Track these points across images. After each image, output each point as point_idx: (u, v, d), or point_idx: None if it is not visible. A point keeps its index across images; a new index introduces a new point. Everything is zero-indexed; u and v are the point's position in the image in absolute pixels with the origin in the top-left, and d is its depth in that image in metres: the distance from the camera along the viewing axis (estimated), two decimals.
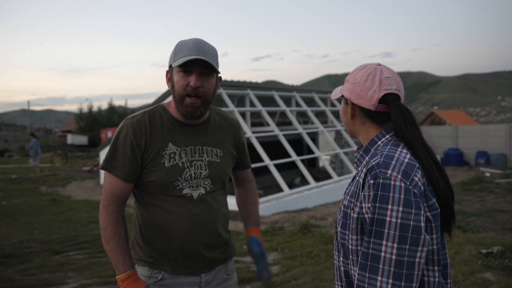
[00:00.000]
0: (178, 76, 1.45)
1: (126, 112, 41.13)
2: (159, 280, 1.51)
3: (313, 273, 4.20)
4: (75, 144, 34.75)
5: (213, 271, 1.58)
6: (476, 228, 6.15)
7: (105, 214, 1.47)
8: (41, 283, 4.13)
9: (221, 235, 1.60)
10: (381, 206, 1.04)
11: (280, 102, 10.82)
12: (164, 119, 1.54)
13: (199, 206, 1.52)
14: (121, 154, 1.48)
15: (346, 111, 1.29)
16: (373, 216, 1.05)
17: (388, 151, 1.13)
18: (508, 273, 4.09)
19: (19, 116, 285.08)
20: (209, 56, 1.45)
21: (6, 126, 62.45)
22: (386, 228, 1.03)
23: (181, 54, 1.43)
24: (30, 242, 5.82)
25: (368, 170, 1.11)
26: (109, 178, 1.49)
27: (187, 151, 1.53)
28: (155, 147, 1.49)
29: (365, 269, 1.05)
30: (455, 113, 36.96)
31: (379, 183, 1.06)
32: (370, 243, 1.05)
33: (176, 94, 1.48)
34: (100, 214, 1.49)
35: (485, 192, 9.52)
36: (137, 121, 1.50)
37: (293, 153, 9.55)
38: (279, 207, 7.89)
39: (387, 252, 1.02)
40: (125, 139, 1.48)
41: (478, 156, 14.70)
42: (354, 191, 1.16)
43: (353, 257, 1.14)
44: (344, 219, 1.18)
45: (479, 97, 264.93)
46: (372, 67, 1.23)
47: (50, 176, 15.47)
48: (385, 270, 1.02)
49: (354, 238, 1.13)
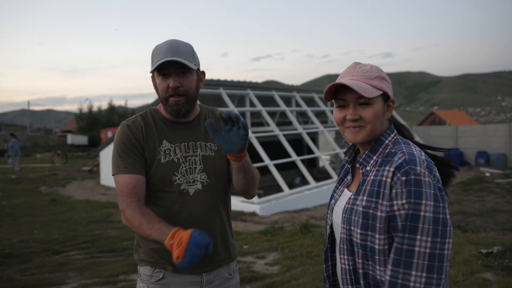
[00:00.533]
0: (158, 79, 1.51)
1: (126, 112, 41.14)
2: (160, 279, 1.52)
3: (313, 273, 4.20)
4: (75, 144, 34.75)
5: (215, 271, 1.58)
6: (476, 228, 6.15)
7: (128, 210, 1.43)
8: (41, 283, 4.13)
9: (220, 232, 1.59)
10: (415, 201, 1.06)
11: (280, 102, 10.82)
12: (156, 120, 1.59)
13: (197, 202, 1.54)
14: (127, 154, 1.51)
15: (384, 111, 1.22)
16: (407, 212, 1.06)
17: (407, 149, 1.16)
18: (508, 273, 4.09)
19: (19, 116, 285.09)
20: (183, 54, 1.47)
21: (6, 126, 62.43)
22: (420, 223, 1.05)
23: (157, 58, 1.47)
24: (30, 242, 5.82)
25: (396, 168, 1.11)
26: (122, 179, 1.49)
27: (181, 147, 1.56)
28: (151, 145, 1.54)
29: (399, 265, 1.06)
30: (455, 113, 36.98)
31: (411, 179, 1.07)
32: (404, 239, 1.07)
33: (160, 97, 1.54)
34: (124, 217, 1.45)
35: (485, 192, 9.52)
36: (132, 123, 1.57)
37: (293, 153, 9.55)
38: (279, 207, 7.89)
39: (421, 247, 1.05)
40: (126, 140, 1.53)
41: (478, 156, 14.70)
42: (375, 190, 1.14)
43: (379, 257, 1.12)
44: (365, 220, 1.14)
45: (479, 97, 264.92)
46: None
47: (50, 176, 15.48)
48: (419, 264, 1.05)
49: (381, 238, 1.11)
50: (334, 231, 1.31)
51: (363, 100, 1.18)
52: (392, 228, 1.10)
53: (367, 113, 1.18)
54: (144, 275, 1.55)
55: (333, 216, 1.31)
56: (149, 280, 1.53)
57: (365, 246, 1.15)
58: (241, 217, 7.31)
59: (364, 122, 1.19)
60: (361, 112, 1.19)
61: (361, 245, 1.15)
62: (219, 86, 9.77)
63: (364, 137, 1.20)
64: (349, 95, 1.19)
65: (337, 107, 1.24)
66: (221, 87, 9.68)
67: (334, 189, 1.39)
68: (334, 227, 1.31)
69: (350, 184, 1.31)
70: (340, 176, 1.39)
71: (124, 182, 1.48)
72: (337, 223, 1.27)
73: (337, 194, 1.34)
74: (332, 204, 1.33)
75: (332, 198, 1.36)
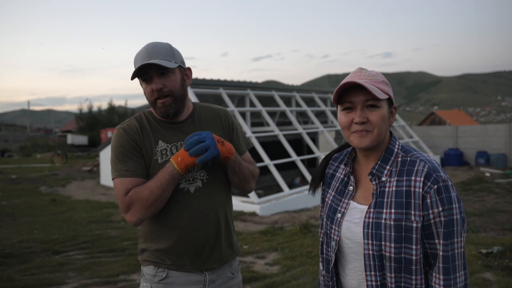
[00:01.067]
0: (143, 85, 1.53)
1: (126, 112, 41.10)
2: (163, 279, 1.52)
3: (313, 273, 4.20)
4: (75, 144, 34.75)
5: (218, 269, 1.58)
6: (476, 228, 6.15)
7: (133, 199, 1.43)
8: (41, 283, 4.13)
9: (224, 227, 1.60)
10: (450, 207, 1.11)
11: (280, 102, 10.82)
12: (151, 121, 1.59)
13: (198, 199, 1.54)
14: (127, 157, 1.50)
15: (389, 117, 1.22)
16: (445, 218, 1.11)
17: (423, 156, 1.19)
18: (508, 273, 4.09)
19: (19, 116, 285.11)
20: (160, 55, 1.47)
21: (6, 126, 62.40)
22: (455, 226, 1.11)
23: (136, 65, 1.49)
24: (30, 242, 5.82)
25: (425, 178, 1.12)
26: (122, 182, 1.46)
27: (177, 146, 1.56)
28: (147, 146, 1.54)
29: (449, 272, 1.11)
30: (455, 113, 36.97)
31: (441, 187, 1.12)
32: (448, 245, 1.11)
33: (149, 102, 1.55)
34: (132, 212, 1.43)
35: (485, 192, 9.52)
36: (127, 125, 1.57)
37: (293, 153, 9.55)
38: (279, 207, 7.89)
39: (459, 248, 1.12)
40: (124, 143, 1.52)
41: (478, 156, 14.70)
42: (404, 202, 1.13)
43: (416, 267, 1.13)
44: (398, 233, 1.12)
45: (479, 97, 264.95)
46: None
47: (50, 176, 15.48)
48: (460, 264, 1.12)
49: (418, 247, 1.12)
50: (343, 246, 1.25)
51: (371, 102, 1.16)
52: (426, 236, 1.13)
53: (375, 116, 1.15)
54: (147, 275, 1.55)
55: (342, 231, 1.24)
56: (152, 280, 1.53)
57: (400, 259, 1.13)
58: (241, 217, 7.31)
59: (371, 125, 1.16)
60: (369, 115, 1.16)
61: (395, 258, 1.13)
62: (219, 86, 9.77)
63: (371, 141, 1.17)
64: (357, 97, 1.16)
65: (342, 110, 1.21)
66: (221, 87, 9.68)
67: (333, 200, 1.31)
68: (343, 242, 1.25)
69: (354, 195, 1.26)
70: (335, 185, 1.33)
71: (125, 185, 1.46)
72: (350, 238, 1.22)
73: (342, 207, 1.26)
74: (338, 218, 1.25)
75: (335, 211, 1.28)
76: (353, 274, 1.24)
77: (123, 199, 1.44)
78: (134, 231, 6.44)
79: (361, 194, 1.24)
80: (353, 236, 1.21)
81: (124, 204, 1.44)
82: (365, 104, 1.16)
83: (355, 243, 1.21)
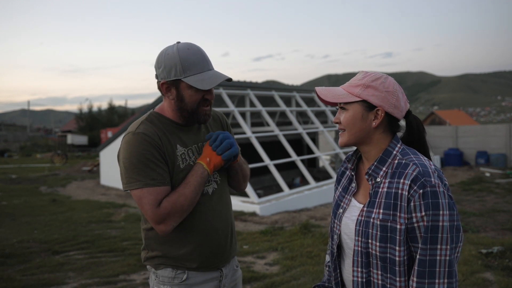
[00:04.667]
0: (191, 90, 1.45)
1: (126, 112, 41.07)
2: (184, 281, 1.50)
3: (313, 273, 4.20)
4: (75, 144, 34.72)
5: (229, 264, 1.63)
6: (476, 228, 6.15)
7: (168, 210, 1.39)
8: (41, 283, 4.13)
9: (233, 224, 1.67)
10: (434, 213, 1.10)
11: (280, 102, 10.81)
12: (165, 124, 1.52)
13: (215, 200, 1.56)
14: (154, 164, 1.41)
15: (366, 118, 1.23)
16: (428, 223, 1.10)
17: (418, 160, 1.19)
18: (508, 273, 4.09)
19: (19, 116, 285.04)
20: (212, 65, 1.50)
21: (6, 126, 62.39)
22: (439, 232, 1.10)
23: (193, 70, 1.43)
24: (30, 242, 5.82)
25: (412, 181, 1.13)
26: (150, 192, 1.39)
27: (192, 149, 1.55)
28: (170, 151, 1.48)
29: (424, 276, 1.10)
30: (455, 113, 36.96)
31: (428, 192, 1.11)
32: (427, 250, 1.10)
33: (189, 107, 1.48)
34: (165, 223, 1.39)
35: (485, 192, 9.52)
36: (144, 131, 1.45)
37: (293, 153, 9.55)
38: (279, 207, 7.89)
39: (442, 255, 1.10)
40: (148, 148, 1.42)
41: (478, 156, 14.70)
42: (392, 203, 1.16)
43: (400, 268, 1.14)
44: (384, 233, 1.16)
45: (479, 97, 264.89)
46: (389, 77, 1.25)
47: (50, 176, 15.48)
48: (441, 272, 1.10)
49: (402, 249, 1.14)
50: (342, 240, 1.31)
51: (341, 104, 1.26)
52: (410, 239, 1.14)
53: (343, 117, 1.25)
54: (165, 277, 1.51)
55: (341, 226, 1.30)
56: (172, 282, 1.50)
57: (385, 258, 1.16)
58: (241, 217, 7.31)
59: (342, 125, 1.26)
60: (341, 116, 1.26)
61: (380, 257, 1.17)
62: (219, 86, 9.77)
63: (343, 141, 1.26)
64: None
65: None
66: (221, 87, 9.68)
67: (339, 196, 1.37)
68: (342, 237, 1.31)
69: (355, 192, 1.31)
70: (343, 182, 1.38)
71: (155, 196, 1.38)
72: (347, 233, 1.28)
73: (344, 203, 1.32)
74: (340, 213, 1.32)
75: (338, 206, 1.35)
76: (349, 268, 1.29)
77: (156, 211, 1.37)
78: (134, 231, 6.44)
79: (362, 193, 1.30)
80: (350, 232, 1.27)
81: (157, 216, 1.38)
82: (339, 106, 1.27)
83: (350, 239, 1.26)
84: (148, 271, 1.62)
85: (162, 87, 1.49)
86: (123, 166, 1.43)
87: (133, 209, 8.64)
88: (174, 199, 1.39)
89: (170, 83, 1.46)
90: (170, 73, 1.44)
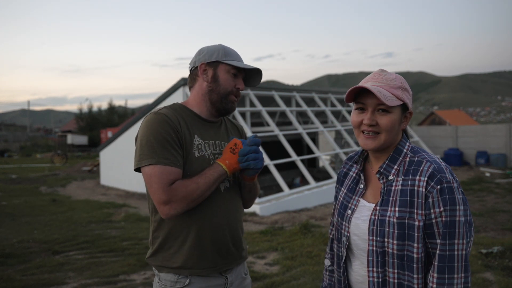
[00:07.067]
0: (228, 75, 1.56)
1: (126, 112, 41.04)
2: (186, 285, 1.49)
3: (313, 273, 4.20)
4: (75, 144, 34.72)
5: (235, 270, 1.60)
6: (476, 228, 6.15)
7: (177, 191, 1.38)
8: (41, 283, 4.13)
9: (242, 229, 1.65)
10: (452, 208, 1.12)
11: (280, 102, 10.82)
12: (186, 114, 1.56)
13: (226, 198, 1.56)
14: (169, 144, 1.43)
15: (401, 120, 1.23)
16: (446, 219, 1.12)
17: (431, 157, 1.20)
18: (508, 273, 4.10)
19: (19, 116, 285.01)
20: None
21: (6, 126, 62.38)
22: (457, 227, 1.11)
23: (233, 58, 1.57)
24: (30, 242, 5.82)
25: (428, 178, 1.14)
26: (162, 170, 1.39)
27: (209, 144, 1.57)
28: (187, 138, 1.51)
29: (444, 271, 1.11)
30: (455, 113, 36.98)
31: (444, 188, 1.13)
32: (446, 245, 1.12)
33: (221, 90, 1.56)
34: (172, 205, 1.38)
35: (485, 192, 9.52)
36: (166, 113, 1.49)
37: (293, 153, 9.55)
38: (279, 207, 7.90)
39: (459, 250, 1.12)
40: (167, 129, 1.45)
41: (478, 156, 14.70)
42: (408, 200, 1.16)
43: (417, 265, 1.15)
44: (401, 230, 1.15)
45: (479, 97, 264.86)
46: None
47: (50, 176, 15.48)
48: (459, 266, 1.11)
49: (420, 246, 1.14)
50: (352, 242, 1.29)
51: (382, 106, 1.19)
52: (427, 235, 1.14)
53: (384, 120, 1.19)
54: (167, 281, 1.50)
55: (351, 227, 1.29)
56: (174, 286, 1.49)
57: (402, 256, 1.16)
58: None
59: (380, 128, 1.20)
60: (379, 119, 1.20)
61: (398, 255, 1.16)
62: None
63: (376, 145, 1.21)
64: (370, 100, 1.20)
65: (355, 109, 1.26)
66: None
67: (345, 198, 1.35)
68: (351, 238, 1.29)
69: (364, 193, 1.30)
70: (348, 183, 1.37)
71: (167, 175, 1.39)
72: (358, 234, 1.26)
73: (352, 204, 1.31)
74: (349, 214, 1.30)
75: (346, 207, 1.32)
76: (359, 270, 1.28)
77: (166, 189, 1.37)
78: (134, 231, 6.44)
79: (370, 193, 1.29)
80: (361, 233, 1.25)
81: (165, 195, 1.37)
82: (376, 108, 1.20)
83: (362, 240, 1.25)
84: (148, 271, 1.61)
85: (199, 69, 1.57)
86: (139, 143, 1.45)
87: (133, 209, 8.64)
88: (185, 183, 1.40)
89: (209, 65, 1.56)
90: (212, 56, 1.56)
